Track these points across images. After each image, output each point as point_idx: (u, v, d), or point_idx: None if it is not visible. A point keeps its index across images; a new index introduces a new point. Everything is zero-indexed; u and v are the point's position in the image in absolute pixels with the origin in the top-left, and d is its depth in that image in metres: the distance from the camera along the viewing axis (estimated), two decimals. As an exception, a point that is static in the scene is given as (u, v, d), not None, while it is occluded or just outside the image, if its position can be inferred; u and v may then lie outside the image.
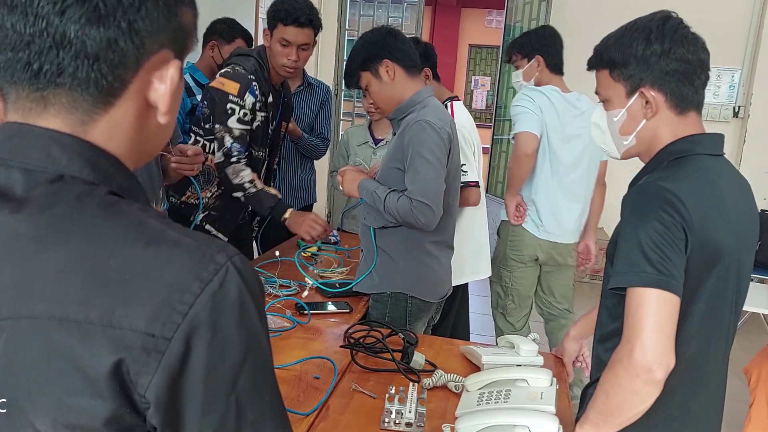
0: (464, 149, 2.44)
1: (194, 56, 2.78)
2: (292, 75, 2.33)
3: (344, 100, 6.33)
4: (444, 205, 1.95)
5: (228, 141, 2.23)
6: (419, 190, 1.85)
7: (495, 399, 1.41)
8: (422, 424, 1.36)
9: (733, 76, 5.43)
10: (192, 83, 2.64)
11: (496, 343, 1.99)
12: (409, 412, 1.35)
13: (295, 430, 1.30)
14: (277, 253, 2.23)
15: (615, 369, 1.15)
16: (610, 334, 1.29)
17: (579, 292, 5.22)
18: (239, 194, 2.27)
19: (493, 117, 6.13)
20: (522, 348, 1.64)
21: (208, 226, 2.36)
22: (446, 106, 2.50)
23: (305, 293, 2.07)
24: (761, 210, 4.78)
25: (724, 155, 1.31)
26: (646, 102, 1.26)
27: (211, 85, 2.25)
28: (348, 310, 2.00)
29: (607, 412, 1.18)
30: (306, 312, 1.90)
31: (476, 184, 2.52)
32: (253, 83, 2.25)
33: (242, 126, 2.25)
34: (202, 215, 2.33)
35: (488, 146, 5.84)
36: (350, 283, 2.11)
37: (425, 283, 2.06)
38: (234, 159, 2.24)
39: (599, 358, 1.32)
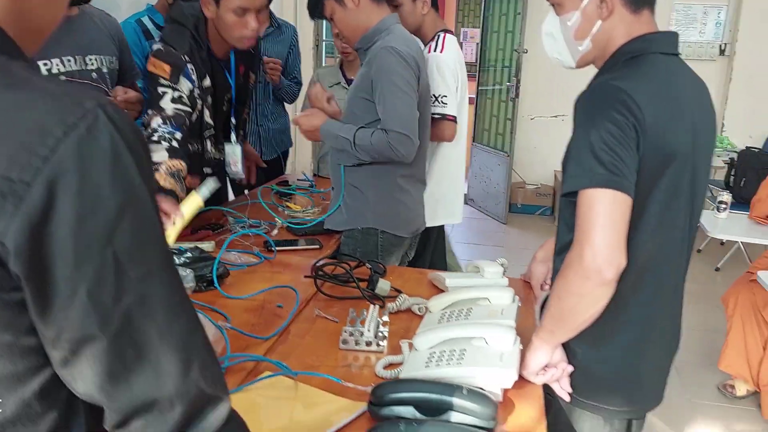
0: (448, 81, 2.37)
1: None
2: (252, 45, 2.05)
3: (326, 57, 6.24)
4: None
5: (155, 123, 1.89)
6: (394, 120, 1.81)
7: (456, 317, 1.40)
8: (382, 344, 1.35)
9: (719, 13, 5.34)
10: (151, 26, 2.56)
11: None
12: (368, 330, 1.34)
13: (254, 353, 1.30)
14: (246, 192, 2.20)
15: (566, 273, 1.15)
16: (566, 245, 1.28)
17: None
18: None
19: (478, 65, 6.03)
20: (487, 270, 1.63)
21: None
22: (438, 38, 2.42)
23: (274, 232, 2.05)
24: (747, 147, 4.75)
25: (680, 56, 1.28)
26: (601, 1, 1.22)
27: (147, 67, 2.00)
28: (318, 246, 1.99)
29: (560, 317, 1.18)
30: (273, 249, 1.89)
31: (453, 119, 2.45)
32: (188, 65, 1.94)
33: (177, 105, 1.93)
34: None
35: (473, 96, 5.76)
36: (320, 221, 2.10)
37: (396, 217, 2.04)
38: (154, 138, 1.87)
39: (557, 271, 1.31)
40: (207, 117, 2.11)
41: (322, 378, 1.21)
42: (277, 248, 1.90)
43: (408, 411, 1.06)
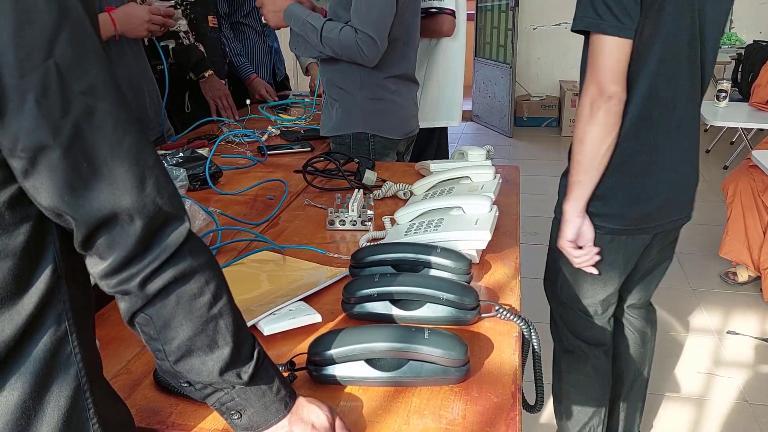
0: None
1: None
2: None
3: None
4: (402, 35, 1.87)
5: None
6: (364, 20, 1.75)
7: (438, 195, 1.45)
8: (367, 224, 1.41)
9: None
10: None
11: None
12: (352, 211, 1.40)
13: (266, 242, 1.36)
14: (248, 102, 2.26)
15: (580, 117, 1.35)
16: None
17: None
18: (170, 43, 2.22)
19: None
20: (471, 154, 1.67)
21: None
22: None
23: (264, 137, 2.09)
24: (755, 41, 4.64)
25: None
26: None
27: None
28: (309, 149, 2.03)
29: (581, 157, 1.38)
30: (264, 153, 1.93)
31: (451, 12, 2.39)
32: None
33: None
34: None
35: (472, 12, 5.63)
36: (316, 129, 2.12)
37: (386, 119, 2.00)
38: (171, 3, 2.18)
39: None
40: None
41: (308, 251, 1.28)
42: (269, 152, 1.94)
43: (386, 271, 1.12)
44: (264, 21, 1.98)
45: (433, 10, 2.31)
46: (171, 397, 0.86)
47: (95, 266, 0.62)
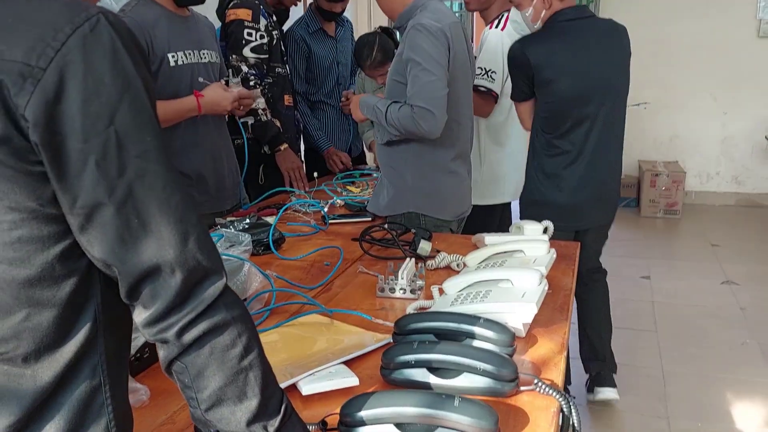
0: (498, 58, 2.42)
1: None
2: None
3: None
4: (455, 114, 1.91)
5: (244, 68, 2.37)
6: (418, 95, 1.81)
7: (490, 267, 1.46)
8: (417, 292, 1.43)
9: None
10: None
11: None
12: (402, 278, 1.42)
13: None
14: (315, 175, 2.38)
15: None
16: None
17: (651, 226, 5.07)
18: (249, 119, 2.38)
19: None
20: (527, 228, 1.67)
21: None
22: (502, 16, 2.49)
23: (326, 207, 2.16)
24: None
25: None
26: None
27: (225, 21, 2.39)
28: (369, 219, 2.08)
29: None
30: (326, 221, 2.01)
31: (495, 96, 2.47)
32: (261, 7, 2.42)
33: (256, 55, 2.39)
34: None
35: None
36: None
37: (438, 199, 2.01)
38: (252, 83, 2.36)
39: None
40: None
41: (356, 316, 1.31)
42: (332, 221, 2.01)
43: (428, 339, 1.13)
44: (351, 116, 2.17)
45: (482, 89, 2.38)
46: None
47: (139, 315, 0.67)
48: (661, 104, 5.53)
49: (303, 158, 3.03)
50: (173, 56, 1.97)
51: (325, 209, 2.13)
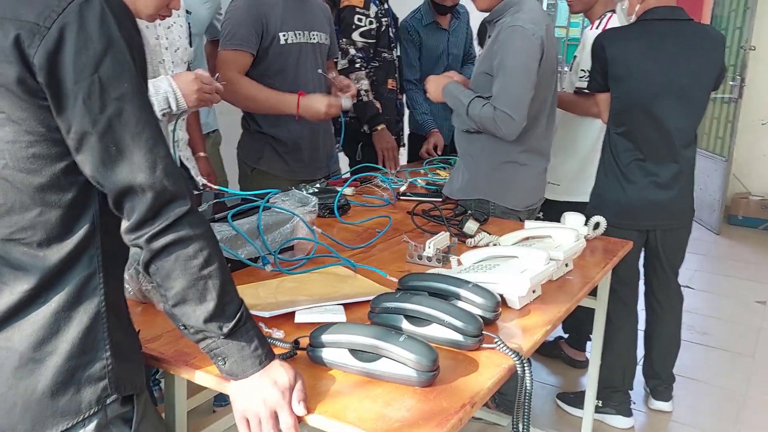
0: None
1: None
2: None
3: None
4: (535, 111, 1.99)
5: (352, 51, 2.59)
6: (503, 99, 1.90)
7: (512, 246, 1.55)
8: (441, 261, 1.56)
9: None
10: None
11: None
12: (429, 247, 1.56)
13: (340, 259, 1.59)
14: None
15: None
16: None
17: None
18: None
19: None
20: (568, 219, 1.73)
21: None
22: (604, 17, 2.50)
23: (403, 187, 2.32)
24: None
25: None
26: None
27: (340, 7, 2.62)
28: (441, 200, 2.21)
29: None
30: (395, 196, 2.18)
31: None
32: None
33: (364, 39, 2.61)
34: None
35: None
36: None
37: (509, 189, 2.09)
38: (357, 65, 2.58)
39: None
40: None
41: (377, 273, 1.47)
42: (402, 197, 2.18)
43: (417, 294, 1.26)
44: (427, 95, 2.25)
45: (587, 91, 2.40)
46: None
47: (123, 224, 0.87)
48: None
49: (406, 141, 3.21)
50: (284, 35, 2.20)
51: (403, 187, 2.29)
